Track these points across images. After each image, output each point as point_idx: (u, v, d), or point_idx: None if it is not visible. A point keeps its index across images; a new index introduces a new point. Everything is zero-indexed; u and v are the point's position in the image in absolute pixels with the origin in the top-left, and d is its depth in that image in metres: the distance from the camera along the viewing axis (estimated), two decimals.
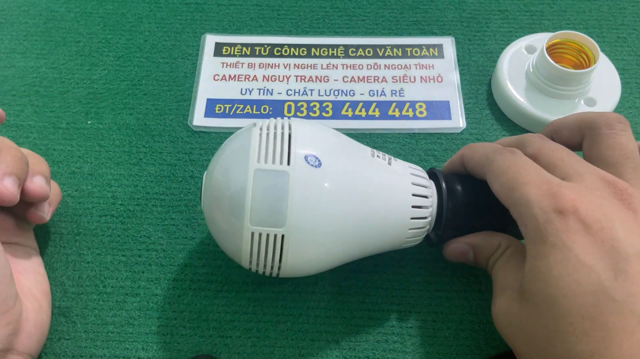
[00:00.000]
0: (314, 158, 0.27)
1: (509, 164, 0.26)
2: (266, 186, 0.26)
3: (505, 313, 0.26)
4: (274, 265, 0.28)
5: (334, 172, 0.27)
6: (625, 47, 0.43)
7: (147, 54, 0.43)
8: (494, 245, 0.29)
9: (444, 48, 0.44)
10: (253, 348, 0.32)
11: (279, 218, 0.26)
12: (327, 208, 0.27)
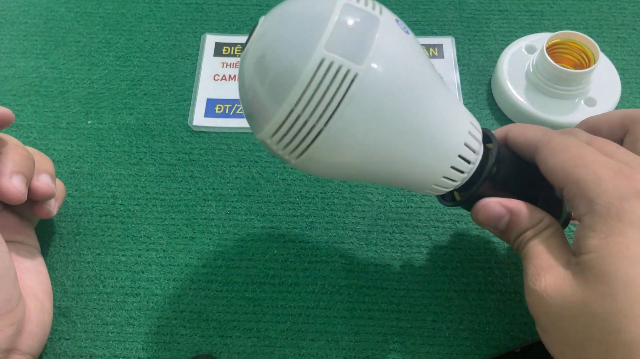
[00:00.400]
0: (403, 24, 0.25)
1: (571, 143, 0.25)
2: (354, 19, 0.23)
3: (555, 293, 0.23)
4: (320, 119, 0.23)
5: (417, 54, 0.25)
6: (625, 47, 0.43)
7: (147, 54, 0.43)
8: (536, 218, 0.27)
9: (444, 48, 0.43)
10: (253, 348, 0.32)
11: (360, 54, 0.23)
12: (401, 79, 0.24)
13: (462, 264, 0.34)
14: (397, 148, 0.25)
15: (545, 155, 0.26)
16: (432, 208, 0.36)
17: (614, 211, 0.22)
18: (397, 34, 0.24)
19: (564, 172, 0.25)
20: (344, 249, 0.35)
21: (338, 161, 0.25)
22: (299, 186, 0.37)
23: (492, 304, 0.33)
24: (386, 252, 0.35)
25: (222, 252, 0.35)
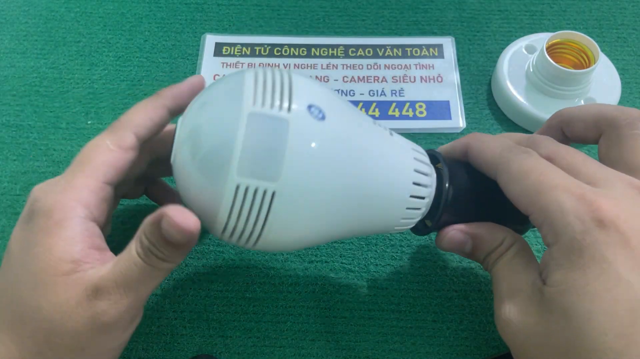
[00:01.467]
0: (317, 110, 0.23)
1: (530, 166, 0.24)
2: (261, 133, 0.22)
3: (519, 321, 0.24)
4: (254, 230, 0.23)
5: (337, 130, 0.24)
6: (625, 47, 0.43)
7: (147, 54, 0.43)
8: (497, 239, 0.27)
9: (444, 48, 0.44)
10: (253, 348, 0.32)
11: (273, 171, 0.22)
12: (327, 167, 0.23)
13: (462, 264, 0.34)
14: (345, 218, 0.25)
15: (506, 181, 0.25)
16: None
17: (577, 246, 0.22)
18: (312, 127, 0.23)
19: (526, 200, 0.24)
20: (344, 249, 0.35)
21: (293, 240, 0.25)
22: None
23: (492, 304, 0.33)
24: (386, 252, 0.35)
25: (222, 252, 0.35)
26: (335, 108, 0.24)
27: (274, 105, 0.23)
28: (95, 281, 0.24)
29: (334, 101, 0.25)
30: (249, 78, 0.23)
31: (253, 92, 0.23)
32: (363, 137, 0.25)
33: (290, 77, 0.24)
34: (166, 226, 0.23)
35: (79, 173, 0.25)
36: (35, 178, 0.37)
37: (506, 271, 0.26)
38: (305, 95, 0.23)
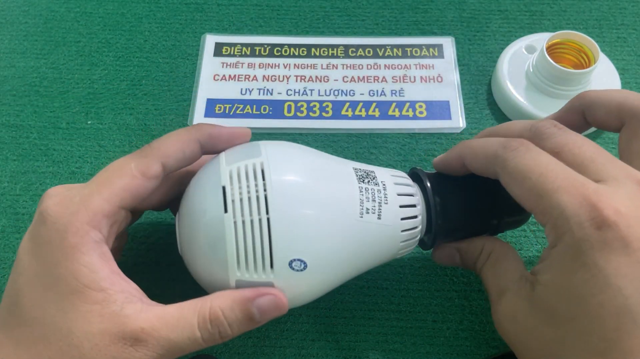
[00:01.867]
0: (299, 262, 0.25)
1: (530, 164, 0.23)
2: (250, 284, 0.25)
3: (512, 318, 0.25)
4: None
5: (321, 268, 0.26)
6: (625, 47, 0.43)
7: (147, 54, 0.43)
8: (476, 249, 0.29)
9: (444, 48, 0.44)
10: (253, 348, 0.32)
11: None
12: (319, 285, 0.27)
13: None
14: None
15: (505, 181, 0.25)
16: None
17: (573, 253, 0.22)
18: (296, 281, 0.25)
19: (529, 202, 0.24)
20: None
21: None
22: None
23: None
24: None
25: None
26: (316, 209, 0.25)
27: (257, 268, 0.25)
28: (137, 331, 0.23)
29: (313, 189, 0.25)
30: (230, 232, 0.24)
31: (235, 254, 0.24)
32: (342, 204, 0.26)
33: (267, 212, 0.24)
34: (266, 301, 0.25)
35: (97, 195, 0.25)
36: (35, 178, 0.37)
37: (491, 274, 0.27)
38: (285, 243, 0.24)
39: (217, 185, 0.25)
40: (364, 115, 0.40)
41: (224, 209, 0.24)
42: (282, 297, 0.25)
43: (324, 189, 0.26)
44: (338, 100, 0.41)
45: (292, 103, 0.41)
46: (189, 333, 0.24)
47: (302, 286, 0.26)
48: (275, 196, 0.24)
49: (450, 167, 0.29)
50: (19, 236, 0.35)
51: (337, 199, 0.26)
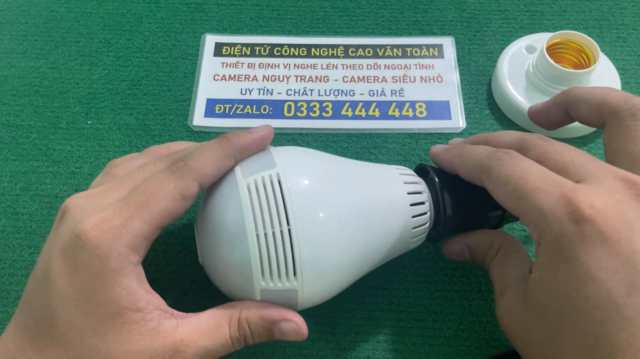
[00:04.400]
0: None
1: (510, 170, 0.24)
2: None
3: (510, 314, 0.25)
4: None
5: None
6: (625, 47, 0.43)
7: (147, 54, 0.43)
8: (486, 244, 0.29)
9: (444, 48, 0.44)
10: (253, 348, 0.32)
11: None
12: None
13: (462, 264, 0.34)
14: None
15: (490, 188, 0.26)
16: None
17: (554, 248, 0.23)
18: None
19: (511, 204, 0.25)
20: None
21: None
22: None
23: (492, 304, 0.33)
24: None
25: None
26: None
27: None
28: (176, 343, 0.24)
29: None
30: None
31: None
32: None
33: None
34: (288, 328, 0.26)
35: (137, 218, 0.24)
36: (35, 178, 0.37)
37: (497, 270, 0.28)
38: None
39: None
40: (364, 115, 0.40)
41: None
42: (303, 327, 0.27)
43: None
44: (338, 100, 0.41)
45: (292, 103, 0.41)
46: (223, 341, 0.25)
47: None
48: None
49: (444, 169, 0.30)
50: (19, 236, 0.35)
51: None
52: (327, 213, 0.26)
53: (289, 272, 0.25)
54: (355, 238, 0.27)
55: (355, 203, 0.27)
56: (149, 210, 0.25)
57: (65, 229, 0.25)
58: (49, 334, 0.24)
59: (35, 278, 0.25)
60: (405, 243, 0.29)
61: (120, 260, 0.24)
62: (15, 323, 0.25)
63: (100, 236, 0.24)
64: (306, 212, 0.25)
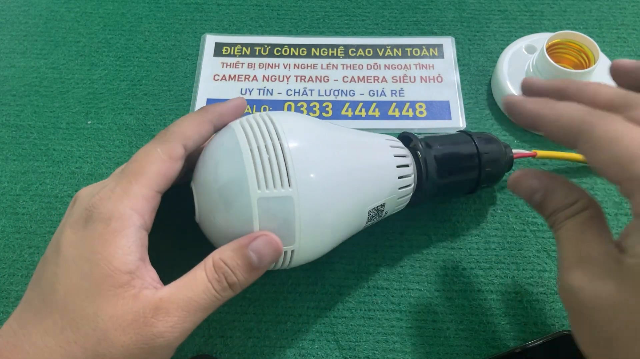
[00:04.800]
0: None
1: (620, 131, 0.22)
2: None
3: (591, 290, 0.23)
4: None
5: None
6: (625, 47, 0.43)
7: (147, 54, 0.43)
8: (570, 198, 0.25)
9: (444, 48, 0.44)
10: (253, 348, 0.32)
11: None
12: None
13: (462, 264, 0.34)
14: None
15: (589, 149, 0.23)
16: (432, 209, 0.36)
17: None
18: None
19: (615, 168, 0.22)
20: (344, 249, 0.35)
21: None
22: None
23: (492, 304, 0.33)
24: (386, 252, 0.35)
25: None
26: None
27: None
28: (156, 302, 0.24)
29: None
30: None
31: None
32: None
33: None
34: (260, 243, 0.26)
35: (135, 183, 0.26)
36: (35, 178, 0.37)
37: (575, 235, 0.24)
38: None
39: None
40: (364, 115, 0.40)
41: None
42: (274, 237, 0.27)
43: (338, 237, 0.30)
44: (338, 100, 0.41)
45: (292, 103, 0.41)
46: (203, 287, 0.25)
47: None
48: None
49: (521, 120, 0.26)
50: (19, 236, 0.35)
51: (349, 231, 0.30)
52: (318, 138, 0.28)
53: (283, 180, 0.26)
54: (346, 170, 0.28)
55: (346, 144, 0.29)
56: (144, 174, 0.27)
57: (76, 209, 0.27)
58: (49, 303, 0.24)
59: (46, 257, 0.26)
60: (392, 203, 0.31)
61: (122, 220, 0.25)
62: (21, 303, 0.26)
63: (104, 202, 0.26)
64: (297, 132, 0.27)
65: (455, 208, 0.36)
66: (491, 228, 0.35)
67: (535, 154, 0.36)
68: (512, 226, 0.35)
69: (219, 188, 0.27)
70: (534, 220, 0.36)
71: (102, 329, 0.24)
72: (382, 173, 0.30)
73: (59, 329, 0.24)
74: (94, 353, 0.23)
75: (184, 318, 0.25)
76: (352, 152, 0.29)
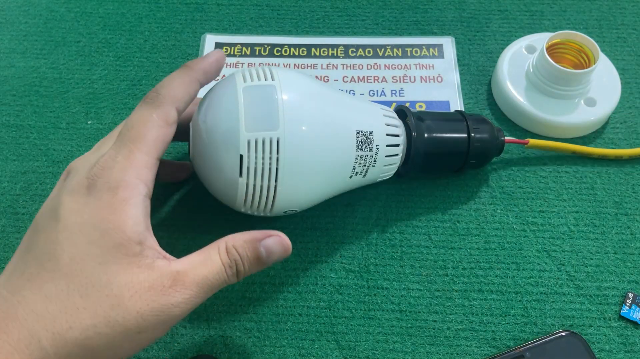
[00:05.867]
0: (292, 211, 0.31)
1: None
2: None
3: None
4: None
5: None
6: (625, 47, 0.43)
7: (147, 54, 0.43)
8: None
9: (444, 48, 0.44)
10: (253, 348, 0.32)
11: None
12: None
13: (462, 264, 0.34)
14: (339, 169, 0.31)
15: None
16: (432, 208, 0.36)
17: None
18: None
19: None
20: (344, 249, 0.35)
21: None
22: None
23: (492, 304, 0.33)
24: (386, 252, 0.35)
25: None
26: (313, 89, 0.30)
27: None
28: (173, 273, 0.25)
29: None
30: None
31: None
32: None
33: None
34: (272, 242, 0.27)
35: (137, 150, 0.26)
36: (35, 178, 0.37)
37: None
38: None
39: (235, 151, 0.28)
40: None
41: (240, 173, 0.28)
42: (286, 239, 0.28)
43: (327, 163, 0.30)
44: None
45: None
46: (218, 269, 0.26)
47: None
48: (284, 170, 0.28)
49: None
50: (19, 236, 0.35)
51: (335, 171, 0.31)
52: (311, 81, 0.31)
53: (267, 76, 0.29)
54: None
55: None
56: (144, 141, 0.27)
57: (72, 179, 0.26)
58: (49, 269, 0.24)
59: (37, 225, 0.26)
60: (377, 170, 0.32)
61: (130, 189, 0.25)
62: (7, 271, 0.25)
63: (109, 171, 0.25)
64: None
65: (456, 208, 0.36)
66: (491, 228, 0.35)
67: (527, 142, 0.37)
68: (512, 226, 0.35)
69: (210, 97, 0.29)
70: (534, 220, 0.36)
71: (117, 296, 0.24)
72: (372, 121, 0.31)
73: (64, 295, 0.23)
74: (105, 319, 0.23)
75: (197, 293, 0.25)
76: (342, 108, 0.31)
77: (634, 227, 0.35)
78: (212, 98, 0.30)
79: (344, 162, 0.31)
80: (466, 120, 0.34)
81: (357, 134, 0.30)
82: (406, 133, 0.33)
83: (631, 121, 0.40)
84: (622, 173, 0.37)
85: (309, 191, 0.31)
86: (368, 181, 0.33)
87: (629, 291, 0.33)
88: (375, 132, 0.31)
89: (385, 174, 0.33)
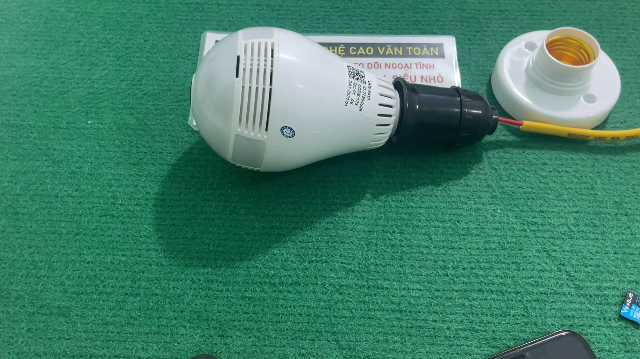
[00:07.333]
0: (289, 129, 0.31)
1: None
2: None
3: None
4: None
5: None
6: (625, 47, 0.43)
7: (147, 54, 0.43)
8: None
9: (445, 47, 0.43)
10: (253, 348, 0.32)
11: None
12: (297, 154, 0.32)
13: (462, 264, 0.34)
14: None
15: None
16: (432, 208, 0.36)
17: None
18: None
19: None
20: (344, 249, 0.35)
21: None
22: (299, 186, 0.37)
23: (492, 304, 0.33)
24: (386, 252, 0.35)
25: (222, 252, 0.35)
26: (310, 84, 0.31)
27: (255, 129, 0.31)
28: None
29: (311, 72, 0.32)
30: None
31: (239, 115, 0.30)
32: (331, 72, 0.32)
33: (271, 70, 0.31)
34: None
35: None
36: (35, 178, 0.37)
37: None
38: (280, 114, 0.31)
39: (232, 54, 0.31)
40: None
41: (236, 74, 0.30)
42: None
43: (320, 74, 0.32)
44: None
45: None
46: None
47: (288, 150, 0.31)
48: (279, 72, 0.30)
49: None
50: (19, 236, 0.35)
51: (329, 86, 0.32)
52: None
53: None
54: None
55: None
56: None
57: None
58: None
59: None
60: (367, 138, 0.34)
61: None
62: None
63: None
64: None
65: (455, 208, 0.36)
66: (491, 228, 0.35)
67: (521, 123, 0.37)
68: (512, 226, 0.35)
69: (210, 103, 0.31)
70: (534, 220, 0.36)
71: None
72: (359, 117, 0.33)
73: None
74: None
75: None
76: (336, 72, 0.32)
77: (634, 227, 0.35)
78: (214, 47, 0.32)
79: (337, 80, 0.32)
80: (460, 95, 0.35)
81: (348, 67, 0.33)
82: (400, 104, 0.34)
83: (631, 121, 0.40)
84: (622, 173, 0.37)
85: (304, 103, 0.31)
86: (365, 123, 0.33)
87: (629, 291, 0.33)
88: (366, 74, 0.33)
89: (379, 141, 0.34)
